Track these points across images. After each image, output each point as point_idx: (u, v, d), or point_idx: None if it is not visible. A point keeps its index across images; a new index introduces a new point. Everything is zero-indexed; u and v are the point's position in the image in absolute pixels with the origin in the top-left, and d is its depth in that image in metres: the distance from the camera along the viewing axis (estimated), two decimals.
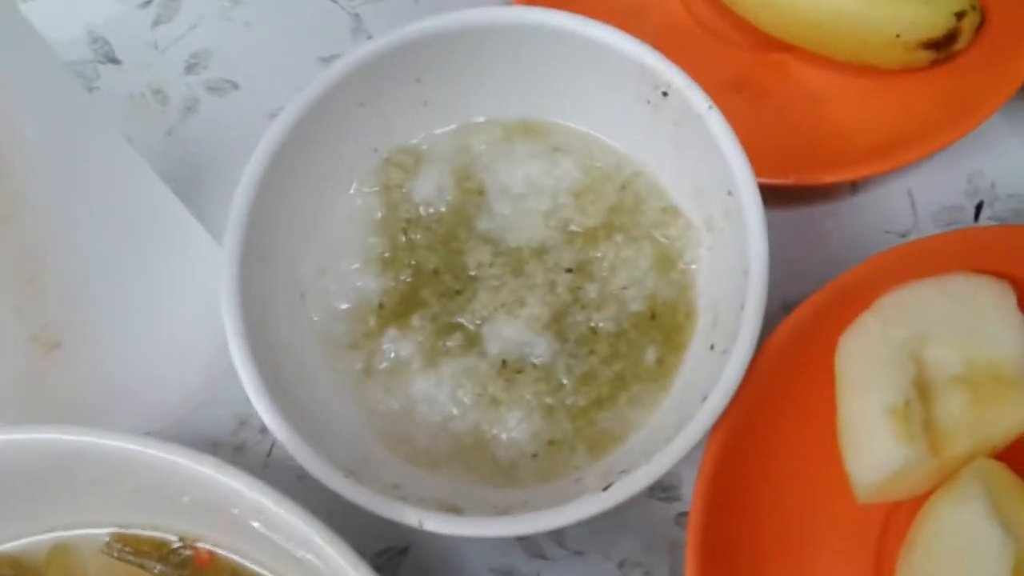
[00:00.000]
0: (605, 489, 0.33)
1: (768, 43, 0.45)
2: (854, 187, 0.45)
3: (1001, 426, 0.35)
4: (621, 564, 0.39)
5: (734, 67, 0.46)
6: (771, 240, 0.35)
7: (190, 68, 0.48)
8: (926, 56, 0.43)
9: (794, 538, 0.36)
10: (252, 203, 0.36)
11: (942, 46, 0.43)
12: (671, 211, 0.40)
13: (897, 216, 0.45)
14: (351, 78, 0.38)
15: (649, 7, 0.48)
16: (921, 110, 0.43)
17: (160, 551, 0.33)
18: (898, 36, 0.42)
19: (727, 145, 0.36)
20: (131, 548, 0.33)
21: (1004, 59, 0.42)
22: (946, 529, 0.33)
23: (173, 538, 0.33)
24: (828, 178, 0.41)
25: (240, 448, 0.41)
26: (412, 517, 0.32)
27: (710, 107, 0.36)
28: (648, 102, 0.38)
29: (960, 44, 0.43)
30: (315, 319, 0.39)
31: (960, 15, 0.42)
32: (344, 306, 0.39)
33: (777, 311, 0.41)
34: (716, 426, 0.34)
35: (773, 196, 0.42)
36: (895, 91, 0.44)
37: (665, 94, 0.38)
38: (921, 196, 0.45)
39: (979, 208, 0.45)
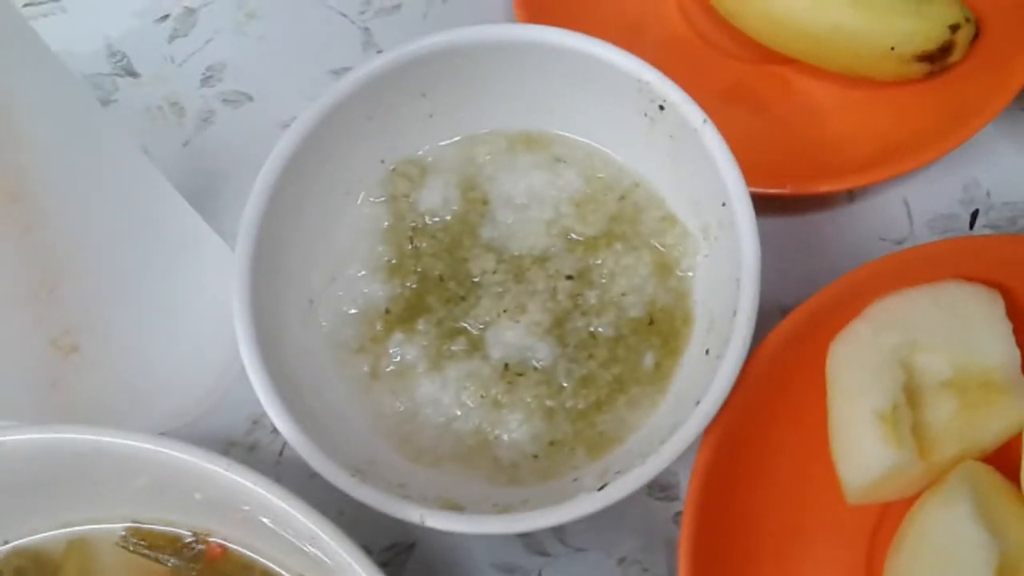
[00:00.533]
0: (600, 489, 0.34)
1: (767, 56, 0.46)
2: (851, 195, 0.46)
3: (989, 431, 0.36)
4: (621, 561, 0.41)
5: (733, 79, 0.47)
6: (769, 247, 0.36)
7: (206, 81, 0.49)
8: (921, 68, 0.44)
9: (786, 537, 0.37)
10: (263, 211, 0.37)
11: (937, 58, 0.44)
12: (669, 220, 0.41)
13: (893, 224, 0.45)
14: (360, 92, 0.39)
15: (651, 21, 0.49)
16: (916, 120, 0.44)
17: (174, 545, 0.35)
18: (893, 49, 0.43)
19: (721, 158, 0.37)
20: (146, 542, 0.35)
21: (999, 69, 0.43)
22: (932, 530, 0.34)
23: (186, 533, 0.35)
24: (824, 188, 0.42)
25: (253, 447, 0.43)
26: (415, 514, 0.34)
27: (704, 121, 0.37)
28: (646, 115, 0.40)
29: (955, 56, 0.44)
30: (324, 324, 0.40)
31: (954, 28, 0.43)
32: (352, 311, 0.40)
33: (774, 316, 0.42)
34: (709, 429, 0.35)
35: (771, 204, 0.43)
36: (891, 102, 0.45)
37: (662, 108, 0.39)
38: (917, 204, 0.46)
39: (974, 216, 0.45)
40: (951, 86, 0.44)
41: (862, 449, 0.35)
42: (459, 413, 0.39)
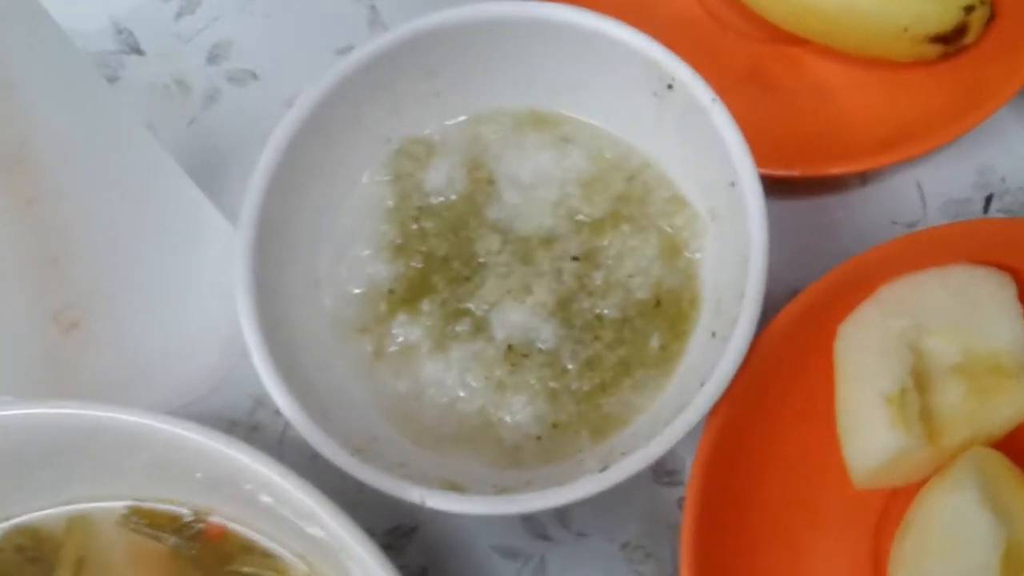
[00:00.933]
0: (602, 471, 0.33)
1: (780, 36, 0.46)
2: (863, 178, 0.45)
3: (999, 416, 0.36)
4: (624, 546, 0.40)
5: (746, 59, 0.47)
6: (781, 229, 0.36)
7: (211, 59, 0.49)
8: (935, 50, 0.43)
9: (791, 522, 0.37)
10: (266, 190, 0.37)
11: (951, 40, 0.43)
12: (677, 201, 0.41)
13: (906, 207, 0.45)
14: (364, 70, 0.39)
15: (662, 1, 0.48)
16: (930, 103, 0.44)
17: (174, 524, 0.35)
18: (906, 30, 0.42)
19: (730, 137, 0.37)
20: (146, 520, 0.34)
21: (1014, 51, 0.43)
22: (939, 514, 0.34)
23: (187, 512, 0.35)
24: (835, 170, 0.42)
25: (255, 428, 0.43)
26: (415, 495, 0.33)
27: (713, 100, 0.37)
28: (654, 95, 0.39)
29: (969, 38, 0.43)
30: (327, 304, 0.40)
31: (969, 9, 0.42)
32: (356, 291, 0.40)
33: (785, 299, 0.41)
34: (714, 411, 0.34)
35: (783, 186, 0.43)
36: (905, 84, 0.45)
37: (670, 87, 0.38)
38: (930, 188, 0.45)
39: (988, 201, 0.45)
40: (965, 68, 0.44)
41: (869, 432, 0.35)
42: (463, 394, 0.39)
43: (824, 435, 0.37)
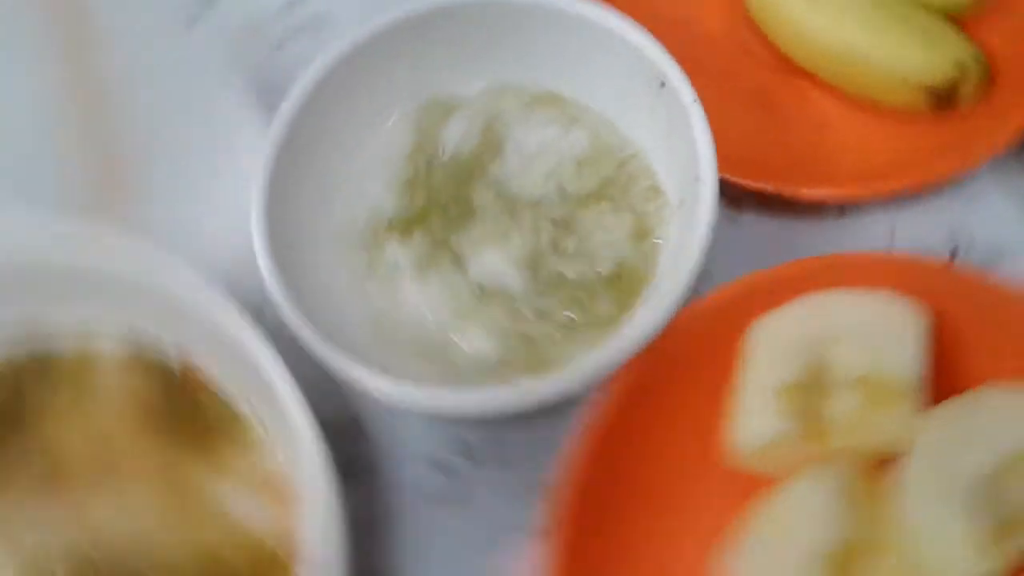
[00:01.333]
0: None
1: (791, 68, 0.50)
2: (842, 211, 0.49)
3: (884, 431, 0.38)
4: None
5: (757, 82, 0.51)
6: (755, 241, 0.39)
7: (288, 6, 0.55)
8: (928, 100, 0.46)
9: (673, 493, 0.40)
10: (295, 114, 0.43)
11: (945, 98, 0.46)
12: (655, 191, 0.45)
13: (874, 246, 0.48)
14: (397, 31, 0.44)
15: (696, 21, 0.52)
16: (916, 149, 0.47)
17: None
18: (905, 79, 0.46)
19: (700, 137, 0.41)
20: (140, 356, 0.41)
21: (1002, 114, 0.46)
22: (794, 491, 0.37)
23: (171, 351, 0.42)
24: (805, 192, 0.45)
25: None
26: (357, 372, 0.39)
27: (694, 100, 0.41)
28: (651, 92, 0.44)
29: (963, 92, 0.46)
30: (334, 220, 0.46)
31: (962, 67, 0.46)
32: (362, 214, 0.46)
33: None
34: (616, 378, 0.39)
35: (766, 201, 0.47)
36: (897, 130, 0.48)
37: (663, 84, 0.43)
38: (902, 233, 0.48)
39: (953, 254, 0.47)
40: (956, 124, 0.47)
41: (754, 416, 0.38)
42: (431, 317, 0.44)
43: (715, 423, 0.40)
